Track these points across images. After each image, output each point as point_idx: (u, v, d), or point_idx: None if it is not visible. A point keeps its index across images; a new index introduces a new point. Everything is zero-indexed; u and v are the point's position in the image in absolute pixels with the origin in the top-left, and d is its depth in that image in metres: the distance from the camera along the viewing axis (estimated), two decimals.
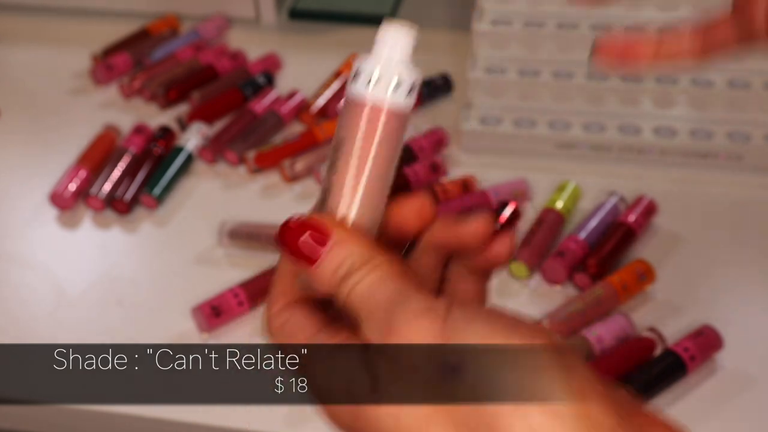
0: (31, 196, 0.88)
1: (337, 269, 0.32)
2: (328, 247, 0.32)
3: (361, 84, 0.33)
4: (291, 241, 0.32)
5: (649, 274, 0.76)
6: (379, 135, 0.33)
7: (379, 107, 0.33)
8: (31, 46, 1.09)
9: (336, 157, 0.33)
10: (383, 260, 0.32)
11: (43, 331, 0.76)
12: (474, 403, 0.28)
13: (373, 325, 0.30)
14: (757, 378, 0.70)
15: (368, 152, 0.33)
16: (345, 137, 0.33)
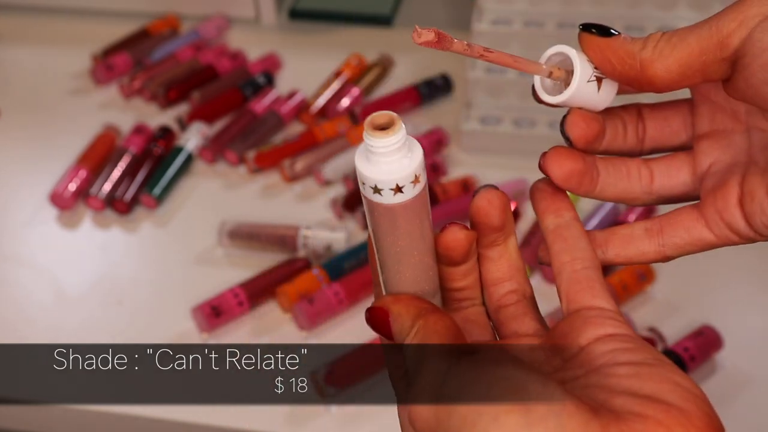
0: (31, 196, 0.88)
1: (398, 340, 0.36)
2: (390, 322, 0.37)
3: (363, 189, 0.35)
4: (374, 325, 0.37)
5: (649, 274, 0.76)
6: (401, 227, 0.36)
7: (386, 208, 0.35)
8: (31, 46, 1.09)
9: (377, 244, 0.37)
10: (420, 325, 0.35)
11: (43, 331, 0.76)
12: None
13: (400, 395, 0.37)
14: (757, 378, 0.70)
15: (394, 246, 0.36)
16: (371, 229, 0.36)
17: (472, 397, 0.31)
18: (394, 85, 0.99)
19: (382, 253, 0.37)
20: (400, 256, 0.36)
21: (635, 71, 0.36)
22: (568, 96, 0.37)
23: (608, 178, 0.40)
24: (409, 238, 0.36)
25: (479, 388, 0.31)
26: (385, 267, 0.37)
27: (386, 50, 1.02)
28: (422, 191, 0.35)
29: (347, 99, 0.96)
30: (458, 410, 0.31)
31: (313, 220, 0.83)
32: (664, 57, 0.35)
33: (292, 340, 0.74)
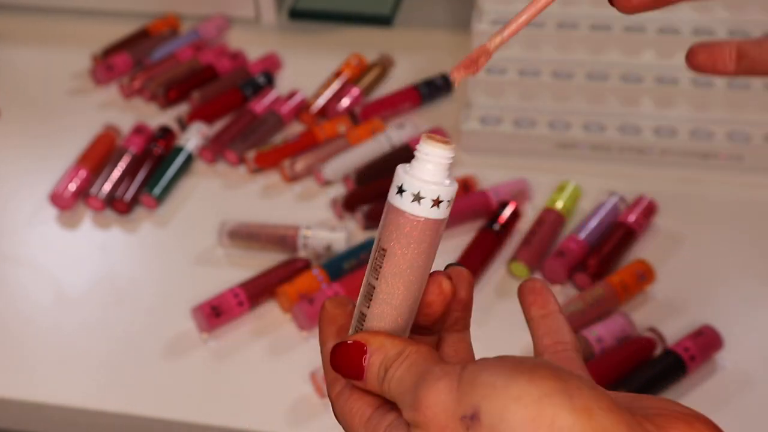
0: (30, 196, 0.88)
1: (378, 373, 0.36)
2: (366, 358, 0.36)
3: (399, 198, 0.35)
4: (340, 363, 0.37)
5: (649, 274, 0.76)
6: (411, 243, 0.35)
7: (417, 221, 0.35)
8: (31, 46, 1.09)
9: (377, 262, 0.36)
10: (411, 350, 0.35)
11: (43, 331, 0.76)
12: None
13: (406, 406, 0.34)
14: (757, 378, 0.70)
15: (401, 260, 0.36)
16: (385, 243, 0.36)
17: (500, 368, 0.31)
18: (394, 85, 0.99)
19: (386, 269, 0.36)
20: (403, 275, 0.36)
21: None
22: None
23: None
24: (419, 259, 0.36)
25: (506, 363, 0.31)
26: (382, 284, 0.36)
27: (386, 50, 1.02)
28: (445, 220, 0.36)
29: (347, 99, 0.96)
30: (485, 377, 0.31)
31: (313, 220, 0.83)
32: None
33: (292, 340, 0.74)
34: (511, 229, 0.81)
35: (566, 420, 0.29)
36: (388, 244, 0.36)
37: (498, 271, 0.79)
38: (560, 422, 0.29)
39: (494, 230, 0.80)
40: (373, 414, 0.36)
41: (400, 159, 0.88)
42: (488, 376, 0.31)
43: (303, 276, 0.76)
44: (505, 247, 0.80)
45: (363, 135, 0.91)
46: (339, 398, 0.38)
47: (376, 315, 0.36)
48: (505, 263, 0.79)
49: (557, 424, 0.29)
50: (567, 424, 0.29)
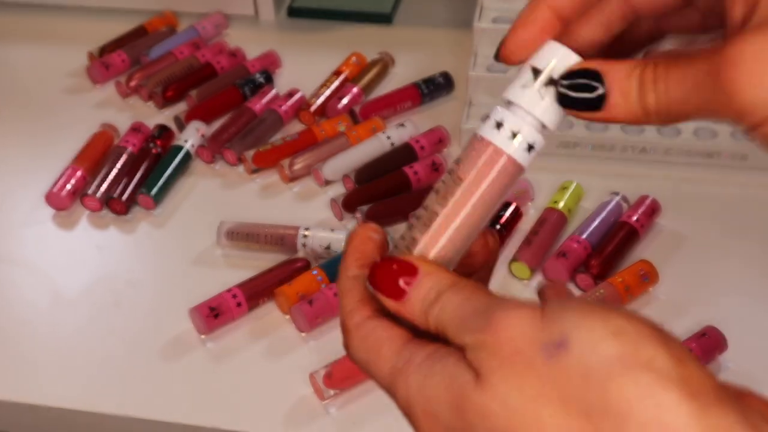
0: (26, 196, 0.88)
1: (426, 296, 0.34)
2: (417, 279, 0.34)
3: (497, 132, 0.35)
4: (381, 280, 0.35)
5: (652, 274, 0.75)
6: (491, 178, 0.35)
7: (501, 153, 0.35)
8: (27, 44, 1.08)
9: (449, 189, 0.35)
10: (468, 283, 0.34)
11: (40, 332, 0.76)
12: (583, 374, 0.29)
13: (469, 330, 0.32)
14: (762, 379, 0.70)
15: (474, 192, 0.35)
16: (464, 172, 0.35)
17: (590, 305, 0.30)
18: (394, 84, 0.99)
19: (459, 198, 0.35)
20: (473, 209, 0.35)
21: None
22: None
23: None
24: (492, 198, 0.35)
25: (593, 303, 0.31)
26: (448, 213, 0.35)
27: (386, 48, 1.02)
28: (524, 172, 0.36)
29: (347, 98, 0.95)
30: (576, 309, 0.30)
31: (313, 220, 0.83)
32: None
33: (291, 341, 0.74)
34: (512, 229, 0.80)
35: (664, 363, 0.28)
36: (467, 174, 0.35)
37: (498, 271, 0.78)
38: (658, 363, 0.28)
39: (495, 230, 0.79)
40: (407, 344, 0.34)
41: (400, 158, 0.88)
42: (580, 309, 0.30)
43: (302, 276, 0.76)
44: (506, 247, 0.80)
45: (363, 134, 0.90)
46: (360, 328, 0.35)
47: (430, 243, 0.35)
48: (506, 263, 0.79)
49: (654, 364, 0.28)
50: (664, 366, 0.28)
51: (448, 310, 0.33)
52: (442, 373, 0.32)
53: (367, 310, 0.36)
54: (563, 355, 0.29)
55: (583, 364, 0.29)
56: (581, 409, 0.29)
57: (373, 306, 0.36)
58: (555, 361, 0.29)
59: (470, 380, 0.31)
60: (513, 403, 0.30)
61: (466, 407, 0.31)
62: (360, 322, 0.35)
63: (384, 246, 0.37)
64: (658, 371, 0.28)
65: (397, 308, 0.34)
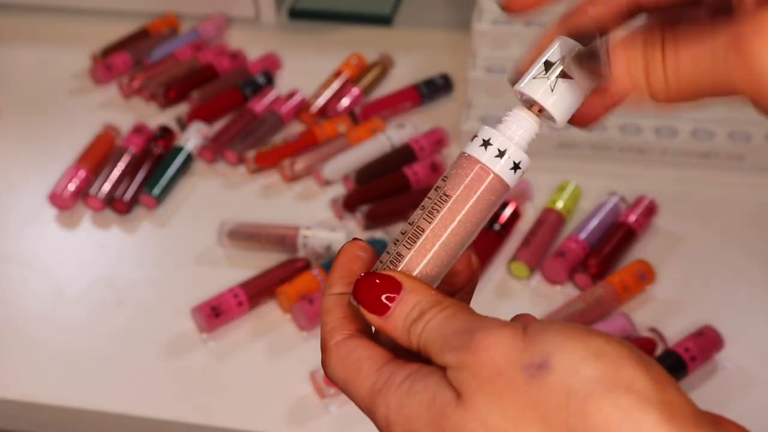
0: (30, 196, 0.88)
1: (409, 313, 0.33)
2: (401, 295, 0.34)
3: (483, 150, 0.35)
4: (364, 294, 0.34)
5: (650, 274, 0.75)
6: (477, 195, 0.35)
7: (488, 171, 0.35)
8: (31, 46, 1.09)
9: (436, 206, 0.36)
10: (452, 302, 0.34)
11: (43, 331, 0.76)
12: (564, 395, 0.29)
13: (450, 349, 0.31)
14: (758, 378, 0.70)
15: (460, 209, 0.35)
16: (451, 190, 0.36)
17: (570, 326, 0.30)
18: (394, 85, 0.99)
19: (445, 215, 0.35)
20: (459, 226, 0.35)
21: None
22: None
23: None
24: (477, 217, 0.35)
25: (573, 324, 0.31)
26: (434, 229, 0.35)
27: (386, 50, 1.02)
28: (509, 191, 0.36)
29: (347, 99, 0.96)
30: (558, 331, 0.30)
31: (313, 220, 0.83)
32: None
33: (292, 340, 0.74)
34: (511, 229, 0.81)
35: (644, 385, 0.29)
36: (454, 191, 0.35)
37: (498, 271, 0.79)
38: (638, 386, 0.29)
39: (494, 230, 0.79)
40: (388, 363, 0.33)
41: (400, 159, 0.88)
42: (562, 330, 0.30)
43: (303, 276, 0.76)
44: (505, 247, 0.80)
45: (363, 135, 0.91)
46: (341, 346, 0.35)
47: (415, 259, 0.35)
48: (505, 263, 0.79)
49: (635, 386, 0.29)
50: (644, 389, 0.29)
51: (430, 329, 0.33)
52: (423, 393, 0.31)
53: (349, 329, 0.35)
54: (544, 375, 0.29)
55: (564, 385, 0.29)
56: (562, 430, 0.29)
57: (355, 325, 0.35)
58: (536, 382, 0.29)
59: (451, 400, 0.31)
60: (493, 423, 0.30)
61: (446, 427, 0.31)
62: (341, 341, 0.35)
63: (371, 264, 0.37)
64: (638, 393, 0.28)
65: (380, 324, 0.34)
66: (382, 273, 0.35)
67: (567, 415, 0.29)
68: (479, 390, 0.30)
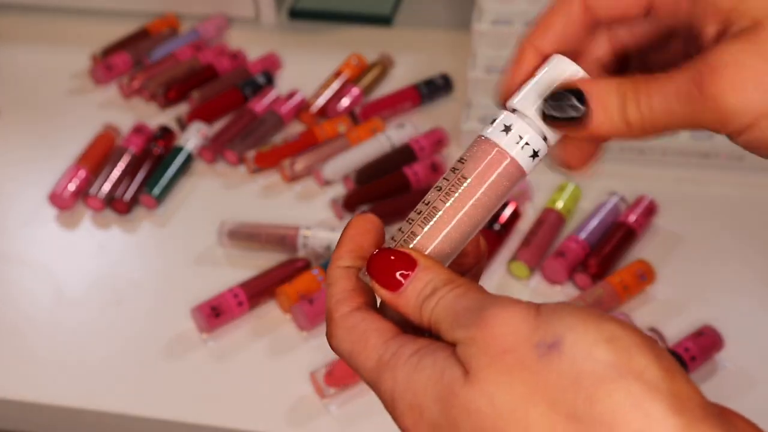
0: (30, 196, 0.88)
1: (422, 290, 0.34)
2: (414, 272, 0.34)
3: (504, 135, 0.36)
4: (379, 269, 0.34)
5: (650, 274, 0.75)
6: (494, 178, 0.36)
7: (506, 155, 0.36)
8: (31, 46, 1.09)
9: (452, 187, 0.36)
10: (465, 281, 0.34)
11: (43, 331, 0.76)
12: (574, 377, 0.29)
13: (461, 326, 0.31)
14: (758, 378, 0.70)
15: (477, 190, 0.36)
16: (468, 172, 0.36)
17: (584, 309, 0.30)
18: (394, 85, 0.99)
19: (461, 196, 0.36)
20: (473, 208, 0.35)
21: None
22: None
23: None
24: (492, 200, 0.36)
25: (587, 308, 0.31)
26: (449, 210, 0.36)
27: (386, 50, 1.02)
28: (525, 178, 0.36)
29: (347, 99, 0.96)
30: (571, 312, 0.30)
31: (313, 220, 0.83)
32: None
33: (292, 340, 0.74)
34: (511, 229, 0.81)
35: (654, 374, 0.29)
36: (471, 173, 0.36)
37: (498, 271, 0.79)
38: (649, 375, 0.28)
39: (494, 230, 0.79)
40: (396, 337, 0.33)
41: (400, 159, 0.88)
42: (575, 312, 0.30)
43: (303, 276, 0.76)
44: (505, 247, 0.80)
45: (363, 135, 0.91)
46: (348, 318, 0.35)
47: (429, 238, 0.36)
48: (505, 263, 0.79)
49: (646, 375, 0.28)
50: (654, 378, 0.28)
51: (442, 306, 0.33)
52: (431, 368, 0.31)
53: (356, 302, 0.35)
54: (555, 356, 0.29)
55: (575, 367, 0.29)
56: (570, 413, 0.29)
57: (362, 299, 0.35)
58: (546, 362, 0.29)
59: (459, 376, 0.30)
60: (501, 401, 0.29)
61: (453, 403, 0.30)
62: (347, 313, 0.35)
63: (381, 239, 0.37)
64: (649, 382, 0.28)
65: (392, 299, 0.34)
66: (397, 250, 0.35)
67: (576, 397, 0.28)
68: (488, 367, 0.30)
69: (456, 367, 0.31)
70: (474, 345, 0.31)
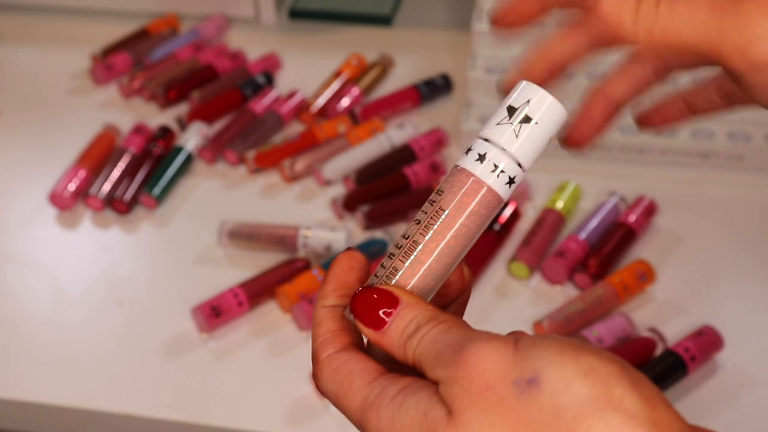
0: (30, 196, 0.88)
1: (406, 328, 0.33)
2: (397, 310, 0.34)
3: (479, 164, 0.36)
4: (362, 308, 0.34)
5: (650, 274, 0.75)
6: (471, 209, 0.35)
7: (482, 185, 0.36)
8: (31, 46, 1.09)
9: (431, 219, 0.36)
10: (448, 317, 0.34)
11: (43, 331, 0.76)
12: (553, 413, 0.29)
13: (442, 363, 0.32)
14: (758, 378, 0.70)
15: (455, 222, 0.35)
16: (446, 204, 0.36)
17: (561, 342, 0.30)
18: (394, 85, 0.99)
19: (439, 229, 0.35)
20: (453, 239, 0.35)
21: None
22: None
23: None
24: (471, 231, 0.36)
25: (564, 339, 0.31)
26: (429, 243, 0.36)
27: (386, 50, 1.02)
28: (502, 206, 0.36)
29: (347, 99, 0.96)
30: (549, 347, 0.30)
31: (313, 220, 0.83)
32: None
33: (292, 340, 0.74)
34: (511, 229, 0.81)
35: (633, 404, 0.29)
36: (448, 204, 0.36)
37: (498, 271, 0.79)
38: (627, 404, 0.29)
39: (494, 230, 0.79)
40: (380, 377, 0.33)
41: (400, 159, 0.88)
42: (553, 345, 0.30)
43: (303, 276, 0.76)
44: (505, 247, 0.80)
45: (363, 135, 0.91)
46: (332, 360, 0.35)
47: (410, 273, 0.35)
48: (505, 263, 0.79)
49: (624, 405, 0.28)
50: (634, 407, 0.28)
51: (425, 343, 0.33)
52: (415, 408, 0.31)
53: (341, 342, 0.35)
54: (534, 392, 0.29)
55: (554, 402, 0.29)
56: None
57: (347, 338, 0.35)
58: (525, 398, 0.29)
59: (442, 417, 0.30)
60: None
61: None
62: (333, 354, 0.35)
63: (365, 277, 0.37)
64: (627, 411, 0.28)
65: (376, 338, 0.34)
66: (380, 288, 0.35)
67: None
68: (470, 406, 0.30)
69: (439, 407, 0.31)
70: (455, 384, 0.31)
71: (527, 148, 0.36)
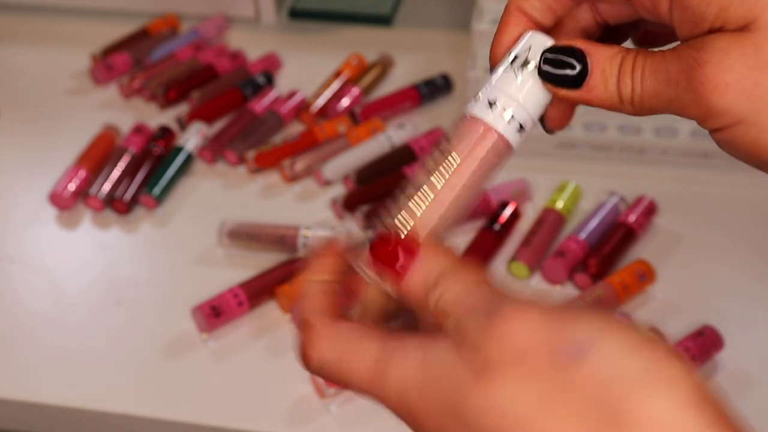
0: (30, 196, 0.88)
1: (426, 278, 0.32)
2: (418, 258, 0.32)
3: (489, 111, 0.36)
4: (381, 257, 0.33)
5: (650, 274, 0.75)
6: (482, 155, 0.35)
7: (493, 130, 0.35)
8: (31, 46, 1.09)
9: (437, 163, 0.36)
10: (469, 266, 0.32)
11: (43, 332, 0.76)
12: (600, 386, 0.27)
13: (472, 322, 0.30)
14: (758, 378, 0.70)
15: (466, 168, 0.35)
16: (449, 148, 0.36)
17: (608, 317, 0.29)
18: (394, 85, 0.99)
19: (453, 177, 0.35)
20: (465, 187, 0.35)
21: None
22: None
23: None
24: (480, 176, 0.35)
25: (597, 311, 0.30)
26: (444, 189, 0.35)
27: (386, 50, 1.02)
28: (511, 152, 0.36)
29: (347, 99, 0.96)
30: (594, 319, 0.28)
31: (313, 220, 0.83)
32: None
33: (292, 340, 0.74)
34: (511, 229, 0.81)
35: (685, 384, 0.27)
36: (458, 151, 0.35)
37: (498, 271, 0.79)
38: (681, 383, 0.27)
39: (494, 230, 0.79)
40: (390, 334, 0.32)
41: (400, 159, 0.88)
42: (599, 318, 0.29)
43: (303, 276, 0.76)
44: (505, 247, 0.80)
45: (363, 135, 0.91)
46: (330, 327, 0.33)
47: (424, 219, 0.35)
48: (505, 263, 0.79)
49: (677, 384, 0.27)
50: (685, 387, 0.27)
51: (449, 298, 0.31)
52: (436, 368, 0.30)
53: (337, 312, 0.34)
54: (576, 363, 0.28)
55: (602, 375, 0.27)
56: (595, 422, 0.27)
57: (342, 311, 0.34)
58: (565, 368, 0.28)
59: (469, 378, 0.29)
60: (515, 409, 0.28)
61: (463, 410, 0.29)
62: (330, 321, 0.33)
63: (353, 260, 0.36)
64: (678, 396, 0.27)
65: (396, 285, 0.32)
66: (397, 235, 0.33)
67: (603, 406, 0.27)
68: (502, 371, 0.28)
69: (464, 369, 0.29)
70: (485, 347, 0.29)
71: (532, 93, 0.35)
